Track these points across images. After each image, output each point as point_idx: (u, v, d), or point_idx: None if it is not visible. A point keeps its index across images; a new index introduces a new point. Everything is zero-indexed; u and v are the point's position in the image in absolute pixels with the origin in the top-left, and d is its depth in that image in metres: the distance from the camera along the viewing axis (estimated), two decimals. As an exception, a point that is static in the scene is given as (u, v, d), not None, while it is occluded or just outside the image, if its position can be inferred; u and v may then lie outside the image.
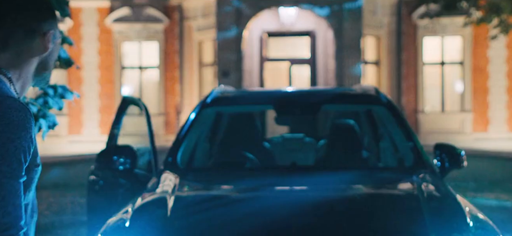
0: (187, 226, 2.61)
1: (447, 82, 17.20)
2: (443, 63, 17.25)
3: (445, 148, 3.63)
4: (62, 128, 16.66)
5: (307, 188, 3.15)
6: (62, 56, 4.71)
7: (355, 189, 3.17)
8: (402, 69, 16.94)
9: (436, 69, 17.29)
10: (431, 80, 17.23)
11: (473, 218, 2.71)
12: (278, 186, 3.26)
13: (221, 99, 4.06)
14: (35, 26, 1.45)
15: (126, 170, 3.54)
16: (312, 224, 2.56)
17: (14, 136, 1.40)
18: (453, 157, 3.49)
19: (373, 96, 4.17)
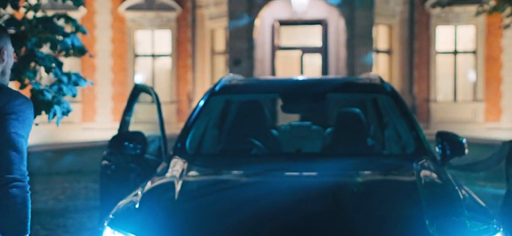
0: (193, 209, 2.70)
1: (459, 72, 17.12)
2: (456, 52, 17.16)
3: (446, 136, 3.69)
4: (75, 116, 16.85)
5: (309, 174, 3.24)
6: (76, 45, 4.84)
7: (355, 174, 3.25)
8: (414, 58, 16.88)
9: (449, 58, 17.21)
10: (444, 69, 17.16)
11: (470, 204, 2.77)
12: (282, 172, 3.35)
13: (229, 88, 4.15)
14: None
15: (137, 155, 3.65)
16: (312, 208, 2.64)
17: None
18: (454, 145, 3.54)
19: (377, 85, 4.23)
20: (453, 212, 2.63)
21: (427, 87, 17.06)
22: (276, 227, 2.48)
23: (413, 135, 3.67)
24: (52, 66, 4.27)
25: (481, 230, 2.53)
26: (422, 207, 2.64)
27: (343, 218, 2.58)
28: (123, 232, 2.53)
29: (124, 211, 2.72)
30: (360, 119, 4.26)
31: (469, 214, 2.64)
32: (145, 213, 2.64)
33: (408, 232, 2.48)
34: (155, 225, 2.52)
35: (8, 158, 1.97)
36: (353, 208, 2.71)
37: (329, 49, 15.79)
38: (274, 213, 2.58)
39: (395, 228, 2.50)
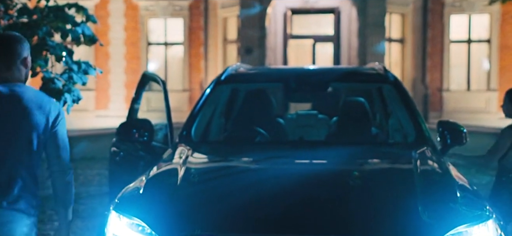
0: (194, 193, 2.78)
1: (473, 60, 17.00)
2: (470, 41, 17.04)
3: (447, 125, 3.72)
4: (89, 103, 17.03)
5: (309, 161, 3.29)
6: (86, 33, 4.92)
7: (353, 162, 3.30)
8: (428, 47, 16.78)
9: (463, 47, 17.08)
10: (457, 58, 17.05)
11: (464, 191, 2.81)
12: (283, 159, 3.42)
13: (235, 77, 4.21)
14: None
15: (144, 142, 3.73)
16: (308, 194, 2.71)
17: None
18: (455, 134, 3.57)
19: (380, 74, 4.27)
20: (447, 199, 2.67)
21: (440, 76, 16.97)
22: (272, 212, 2.55)
23: (414, 124, 3.71)
24: (63, 54, 4.36)
25: (474, 216, 2.58)
26: (417, 194, 2.69)
27: (337, 203, 2.64)
28: (128, 216, 2.61)
29: (129, 196, 2.80)
30: (364, 108, 4.30)
31: (462, 201, 2.69)
32: (149, 198, 2.72)
33: (401, 218, 2.53)
34: (158, 209, 2.60)
35: (66, 151, 2.71)
36: (348, 194, 2.77)
37: (342, 38, 15.76)
38: (271, 198, 2.65)
39: (388, 214, 2.56)
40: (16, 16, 4.75)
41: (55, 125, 2.65)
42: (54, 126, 2.64)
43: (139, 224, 2.57)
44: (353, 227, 2.47)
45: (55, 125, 2.64)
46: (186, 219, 2.54)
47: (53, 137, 2.64)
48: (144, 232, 2.55)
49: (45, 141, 2.62)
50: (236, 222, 2.51)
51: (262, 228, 2.46)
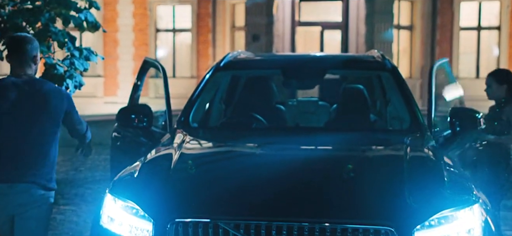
0: (186, 177, 2.84)
1: (483, 48, 16.86)
2: (480, 28, 16.89)
3: (459, 112, 3.69)
4: (98, 90, 17.15)
5: (302, 147, 3.33)
6: (89, 20, 4.96)
7: (346, 148, 3.34)
8: (437, 34, 16.66)
9: (472, 34, 16.94)
10: (467, 46, 16.92)
11: (451, 177, 2.84)
12: (276, 145, 3.46)
13: (233, 63, 4.25)
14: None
15: (143, 128, 3.78)
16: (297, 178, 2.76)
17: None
18: (466, 121, 3.53)
19: (378, 62, 4.29)
20: (433, 184, 2.71)
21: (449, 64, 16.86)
22: (261, 196, 2.60)
23: (409, 111, 3.74)
24: (65, 41, 4.41)
25: (459, 200, 2.61)
26: (404, 179, 2.72)
27: (324, 189, 2.68)
28: (122, 199, 2.67)
29: (124, 180, 2.86)
30: (363, 96, 4.33)
31: (449, 185, 2.72)
32: (143, 181, 2.78)
33: (387, 202, 2.56)
34: (151, 193, 2.65)
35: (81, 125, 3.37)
36: (336, 179, 2.81)
37: (350, 25, 15.69)
38: (261, 183, 2.70)
39: (374, 198, 2.59)
40: (20, 2, 4.80)
41: (69, 111, 3.21)
42: (67, 111, 3.20)
43: (133, 207, 2.63)
44: (337, 211, 2.51)
45: (68, 110, 3.21)
46: (177, 203, 2.59)
47: (69, 119, 3.24)
48: (138, 215, 2.60)
49: (59, 124, 3.17)
50: (226, 206, 2.56)
51: (250, 212, 2.50)
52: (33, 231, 3.00)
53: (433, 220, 2.52)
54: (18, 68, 3.10)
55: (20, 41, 3.12)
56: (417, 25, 16.65)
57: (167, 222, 2.48)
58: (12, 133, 3.00)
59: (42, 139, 3.05)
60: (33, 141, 3.02)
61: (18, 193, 2.96)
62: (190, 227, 2.46)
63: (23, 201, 2.97)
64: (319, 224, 2.42)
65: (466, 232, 2.56)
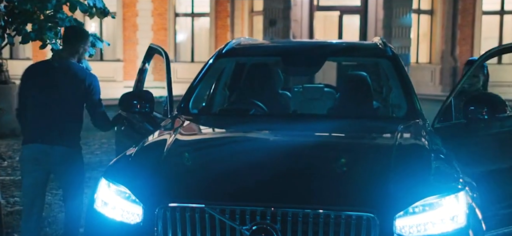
0: (177, 164, 2.89)
1: (506, 32, 16.56)
2: (503, 12, 16.59)
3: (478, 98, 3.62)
4: (117, 74, 17.34)
5: (296, 134, 3.35)
6: (98, 6, 5.02)
7: (338, 135, 3.36)
8: (458, 18, 16.42)
9: (495, 18, 16.65)
10: (489, 30, 16.64)
11: (439, 164, 2.84)
12: (271, 132, 3.48)
13: (235, 50, 4.27)
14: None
15: (145, 113, 3.84)
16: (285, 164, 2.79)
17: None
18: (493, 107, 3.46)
19: (378, 49, 4.26)
20: (419, 171, 2.71)
21: (470, 49, 16.61)
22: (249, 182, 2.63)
23: (407, 99, 3.73)
24: (71, 26, 4.47)
25: (444, 188, 2.61)
26: (390, 166, 2.73)
27: (309, 175, 2.70)
28: (115, 183, 2.73)
29: (118, 164, 2.93)
30: (366, 83, 4.32)
31: (435, 172, 2.73)
32: (135, 166, 2.84)
33: (369, 188, 2.58)
34: (143, 178, 2.71)
35: (100, 107, 4.02)
36: (323, 165, 2.83)
37: (369, 9, 15.53)
38: (250, 169, 2.73)
39: (358, 185, 2.61)
40: (29, -12, 4.86)
41: (90, 91, 3.91)
42: (89, 91, 3.91)
43: (125, 192, 2.69)
44: (320, 198, 2.53)
45: (90, 90, 3.91)
46: (167, 188, 2.64)
47: (90, 99, 3.93)
48: (130, 199, 2.66)
49: (84, 100, 3.92)
50: (213, 192, 2.60)
51: (235, 198, 2.54)
52: (72, 181, 3.94)
53: (417, 207, 2.53)
54: (64, 51, 3.98)
55: (75, 31, 4.04)
56: (437, 9, 16.42)
57: (156, 206, 2.54)
58: (51, 105, 3.84)
59: (72, 110, 3.90)
60: (66, 112, 3.86)
61: (57, 153, 3.83)
62: (178, 212, 2.51)
63: (61, 159, 3.84)
64: (302, 210, 2.45)
65: (450, 219, 2.57)
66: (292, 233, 2.46)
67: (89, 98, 3.91)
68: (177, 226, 2.52)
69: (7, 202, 5.97)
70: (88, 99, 3.92)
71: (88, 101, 3.93)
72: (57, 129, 3.84)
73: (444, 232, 2.54)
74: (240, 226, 2.47)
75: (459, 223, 2.58)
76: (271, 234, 2.45)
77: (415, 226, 2.52)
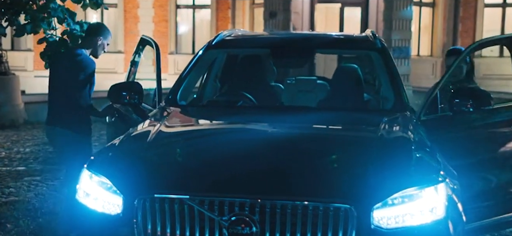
0: (157, 155, 2.89)
1: (508, 25, 16.48)
2: (505, 4, 16.50)
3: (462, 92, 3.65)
4: (118, 65, 17.36)
5: (279, 125, 3.35)
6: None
7: (322, 127, 3.36)
8: (460, 10, 16.33)
9: (497, 11, 16.57)
10: (491, 23, 16.56)
11: (420, 157, 2.84)
12: (254, 124, 3.48)
13: (225, 42, 4.26)
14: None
15: (134, 104, 3.84)
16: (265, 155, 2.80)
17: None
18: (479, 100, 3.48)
19: (366, 41, 4.25)
20: (400, 162, 2.71)
21: (472, 41, 16.49)
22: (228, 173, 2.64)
23: (394, 91, 3.72)
24: (65, 17, 4.50)
25: (423, 179, 2.61)
26: (370, 157, 2.74)
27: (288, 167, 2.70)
28: (97, 174, 2.74)
29: (101, 156, 2.94)
30: (357, 75, 4.32)
31: (416, 164, 2.73)
32: (117, 158, 2.85)
33: (347, 179, 2.58)
34: (124, 169, 2.72)
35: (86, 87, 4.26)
36: (303, 156, 2.83)
37: (370, 2, 15.47)
38: (230, 161, 2.74)
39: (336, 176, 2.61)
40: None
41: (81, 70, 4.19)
42: (90, 77, 4.25)
43: (107, 183, 2.70)
44: (298, 189, 2.53)
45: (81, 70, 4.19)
46: (148, 179, 2.65)
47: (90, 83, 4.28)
48: (111, 190, 2.67)
49: (88, 85, 4.23)
50: (192, 183, 2.61)
51: (214, 189, 2.55)
52: (72, 165, 4.02)
53: (395, 198, 2.52)
54: (82, 41, 4.41)
55: (96, 27, 4.44)
56: (439, 2, 16.35)
57: (135, 197, 2.55)
58: (54, 89, 4.27)
59: (71, 94, 4.17)
60: (65, 96, 4.19)
61: (58, 135, 4.22)
62: (157, 202, 2.52)
63: (62, 141, 4.21)
64: (280, 202, 2.46)
65: (429, 211, 2.57)
66: (270, 224, 2.47)
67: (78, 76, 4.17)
68: (157, 217, 2.53)
69: (1, 193, 6.01)
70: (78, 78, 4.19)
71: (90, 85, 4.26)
72: (58, 112, 4.21)
73: (422, 224, 2.55)
74: (218, 217, 2.48)
75: (437, 215, 2.58)
76: (250, 225, 2.46)
77: (394, 218, 2.53)
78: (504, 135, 3.90)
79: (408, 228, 2.53)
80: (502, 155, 3.89)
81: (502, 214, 3.79)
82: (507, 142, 3.92)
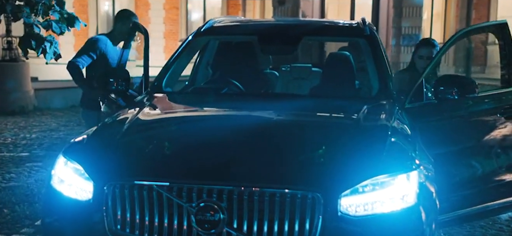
0: (130, 142, 2.91)
1: (523, 12, 16.21)
2: (520, -9, 16.22)
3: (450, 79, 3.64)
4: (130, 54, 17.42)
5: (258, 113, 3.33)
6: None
7: (300, 114, 3.33)
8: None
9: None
10: (505, 10, 16.30)
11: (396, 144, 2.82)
12: (233, 110, 3.49)
13: (213, 29, 4.26)
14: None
15: (121, 91, 3.87)
16: (237, 142, 2.81)
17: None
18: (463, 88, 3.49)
19: (355, 28, 4.21)
20: (370, 150, 2.70)
21: (485, 29, 16.28)
22: (195, 159, 2.65)
23: (380, 78, 3.69)
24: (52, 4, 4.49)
25: (394, 166, 2.60)
26: (343, 144, 2.74)
27: (259, 152, 2.71)
28: (72, 161, 2.77)
29: (78, 142, 2.96)
30: (349, 62, 4.29)
31: (389, 151, 2.72)
32: (91, 145, 2.87)
33: (316, 167, 2.58)
34: (96, 155, 2.74)
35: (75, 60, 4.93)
36: (275, 143, 2.83)
37: (382, -12, 15.29)
38: (198, 147, 2.75)
39: (304, 163, 2.60)
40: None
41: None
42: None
43: (80, 169, 2.72)
44: (265, 176, 2.53)
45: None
46: (118, 166, 2.67)
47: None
48: (84, 176, 2.69)
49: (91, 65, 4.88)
50: (160, 169, 2.62)
51: (182, 175, 2.56)
52: None
53: (366, 186, 2.51)
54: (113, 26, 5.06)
55: (123, 13, 5.07)
56: (452, -11, 16.13)
57: (105, 183, 2.57)
58: None
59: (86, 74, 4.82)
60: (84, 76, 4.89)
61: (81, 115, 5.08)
62: (127, 189, 2.54)
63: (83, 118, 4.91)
64: (248, 189, 2.46)
65: (400, 198, 2.55)
66: (238, 211, 2.47)
67: None
68: (126, 203, 2.54)
69: (2, 178, 6.10)
70: None
71: None
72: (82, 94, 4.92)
73: (392, 211, 2.53)
74: (187, 203, 2.49)
75: (408, 202, 2.57)
76: (217, 212, 2.47)
77: (362, 205, 2.51)
78: (489, 123, 3.88)
79: (376, 215, 2.51)
80: (486, 144, 3.87)
81: (487, 202, 3.77)
82: (491, 131, 3.90)
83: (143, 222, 2.52)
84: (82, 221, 2.63)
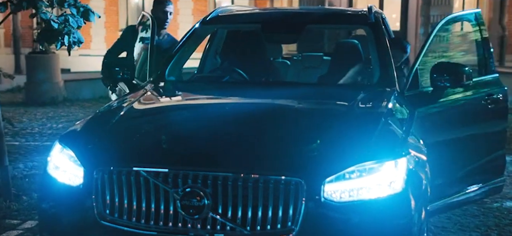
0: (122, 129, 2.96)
1: (561, -1, 15.64)
2: (559, -24, 15.63)
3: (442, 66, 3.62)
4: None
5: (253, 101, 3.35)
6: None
7: (292, 102, 3.33)
8: (508, -16, 15.62)
9: (550, -17, 15.72)
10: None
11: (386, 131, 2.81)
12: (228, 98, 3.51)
13: (219, 18, 4.28)
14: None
15: (126, 79, 3.94)
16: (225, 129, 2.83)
17: None
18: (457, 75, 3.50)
19: (359, 16, 4.18)
20: (359, 136, 2.69)
21: (520, 17, 15.80)
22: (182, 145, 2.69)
23: (381, 66, 3.65)
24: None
25: (382, 153, 2.59)
26: (332, 131, 2.74)
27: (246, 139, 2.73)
28: (66, 148, 2.84)
29: (74, 130, 3.03)
30: (357, 51, 4.26)
31: (379, 137, 2.71)
32: (86, 132, 2.94)
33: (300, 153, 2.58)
34: (88, 142, 2.81)
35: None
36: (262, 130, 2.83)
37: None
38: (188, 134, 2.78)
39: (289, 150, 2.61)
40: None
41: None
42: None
43: (73, 156, 2.79)
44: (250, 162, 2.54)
45: None
46: (107, 152, 2.73)
47: None
48: (76, 163, 2.76)
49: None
50: (148, 156, 2.67)
51: (169, 162, 2.60)
52: None
53: (352, 172, 2.50)
54: None
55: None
56: (485, -25, 15.68)
57: (94, 169, 2.63)
58: None
59: None
60: None
61: None
62: (115, 174, 2.59)
63: None
64: (232, 175, 2.48)
65: (387, 185, 2.53)
66: (223, 197, 2.50)
67: None
68: (114, 188, 2.60)
69: (25, 166, 6.28)
70: None
71: None
72: None
73: (377, 197, 2.52)
74: (172, 189, 2.53)
75: (395, 189, 2.54)
76: (202, 197, 2.50)
77: (348, 191, 2.51)
78: (481, 111, 3.90)
79: (361, 201, 2.50)
80: (477, 131, 3.88)
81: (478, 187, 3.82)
82: (483, 118, 3.92)
83: (131, 207, 2.57)
84: (74, 206, 2.70)
